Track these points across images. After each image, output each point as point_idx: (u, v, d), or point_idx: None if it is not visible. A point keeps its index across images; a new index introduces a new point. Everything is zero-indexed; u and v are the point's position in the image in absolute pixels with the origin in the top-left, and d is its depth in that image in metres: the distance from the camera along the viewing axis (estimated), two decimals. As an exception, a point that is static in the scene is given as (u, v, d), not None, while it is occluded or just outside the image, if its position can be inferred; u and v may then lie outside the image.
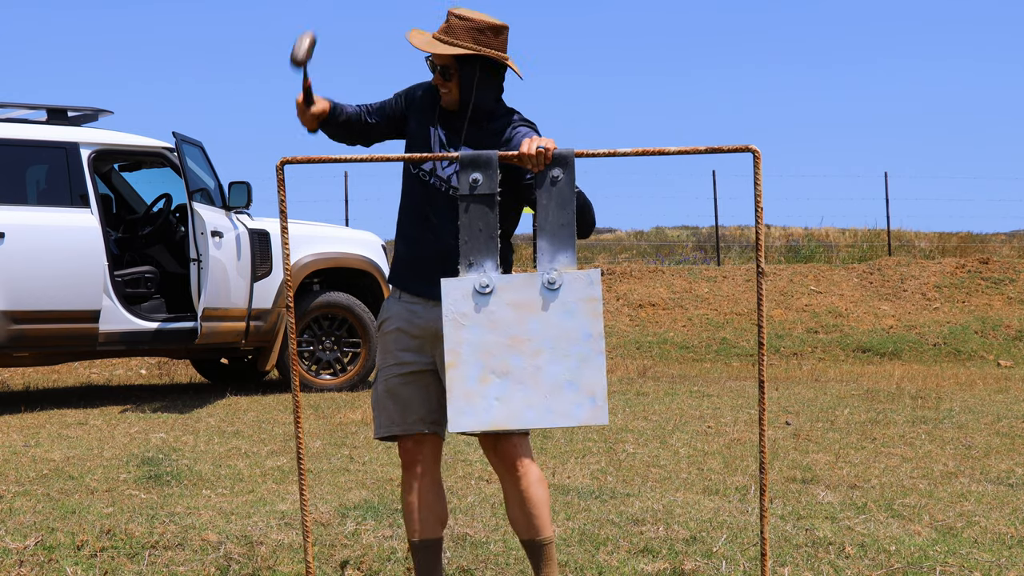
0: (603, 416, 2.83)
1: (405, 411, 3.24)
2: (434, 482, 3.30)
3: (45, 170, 8.33)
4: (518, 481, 3.20)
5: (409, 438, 3.26)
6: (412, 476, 3.28)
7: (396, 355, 3.25)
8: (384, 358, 3.28)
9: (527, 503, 3.20)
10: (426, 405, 3.25)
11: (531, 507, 3.20)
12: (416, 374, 3.24)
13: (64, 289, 8.03)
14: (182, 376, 11.17)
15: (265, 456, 6.16)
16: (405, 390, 3.24)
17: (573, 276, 2.85)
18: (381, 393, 3.27)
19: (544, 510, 3.22)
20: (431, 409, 3.25)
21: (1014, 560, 4.02)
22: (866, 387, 9.67)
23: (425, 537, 3.29)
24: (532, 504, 3.20)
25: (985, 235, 22.99)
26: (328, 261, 9.29)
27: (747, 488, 5.29)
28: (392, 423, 3.25)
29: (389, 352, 3.26)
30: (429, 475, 3.29)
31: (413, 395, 3.23)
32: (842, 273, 16.73)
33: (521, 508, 3.22)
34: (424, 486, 3.27)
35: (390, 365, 3.25)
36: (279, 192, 2.87)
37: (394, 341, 3.25)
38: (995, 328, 14.71)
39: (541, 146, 2.91)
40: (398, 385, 3.24)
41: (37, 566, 3.92)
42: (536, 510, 3.21)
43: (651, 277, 16.39)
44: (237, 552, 4.08)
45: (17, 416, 7.77)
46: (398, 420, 3.24)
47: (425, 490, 3.28)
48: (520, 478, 3.20)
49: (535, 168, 2.93)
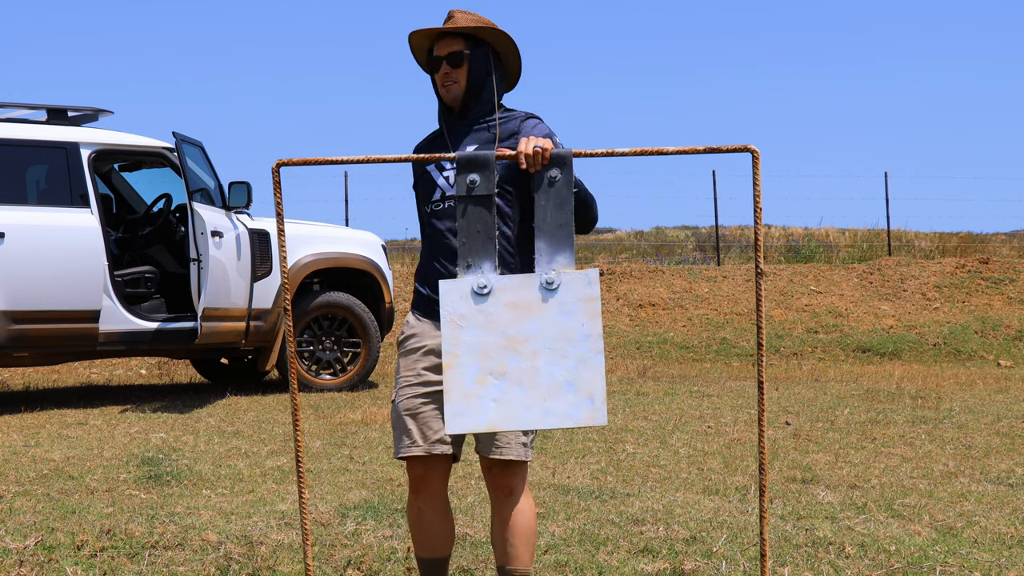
0: (602, 417, 2.82)
1: (425, 430, 3.14)
2: (442, 503, 3.22)
3: (45, 170, 8.34)
4: (505, 508, 3.14)
5: (421, 460, 3.16)
6: (421, 499, 3.19)
7: (420, 374, 3.16)
8: (406, 376, 3.17)
9: (509, 531, 3.13)
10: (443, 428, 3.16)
11: (512, 536, 3.13)
12: (437, 393, 3.14)
13: (64, 289, 8.03)
14: (182, 376, 11.18)
15: (265, 456, 6.16)
16: (428, 410, 3.15)
17: (571, 276, 2.85)
18: (402, 412, 3.17)
19: (523, 542, 3.13)
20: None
21: (1014, 560, 4.02)
22: (866, 387, 9.67)
23: (432, 556, 3.24)
24: (514, 533, 3.13)
25: (985, 235, 22.99)
26: (328, 261, 9.29)
27: (747, 488, 5.29)
28: (413, 443, 3.14)
29: (412, 370, 3.17)
30: (438, 497, 3.20)
31: (435, 416, 3.15)
32: (842, 273, 16.72)
33: (502, 534, 3.15)
34: (434, 508, 3.19)
35: (413, 384, 3.16)
36: (275, 194, 2.87)
37: (417, 358, 3.17)
38: (995, 328, 14.71)
39: (538, 145, 2.89)
40: (421, 405, 3.15)
41: (37, 566, 3.92)
42: (516, 539, 3.13)
43: (651, 277, 16.39)
44: (237, 552, 4.08)
45: (17, 416, 7.77)
46: (419, 440, 3.14)
47: (435, 512, 3.20)
48: (509, 505, 3.14)
49: (532, 168, 2.90)
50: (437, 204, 3.18)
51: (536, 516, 3.20)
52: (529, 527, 3.15)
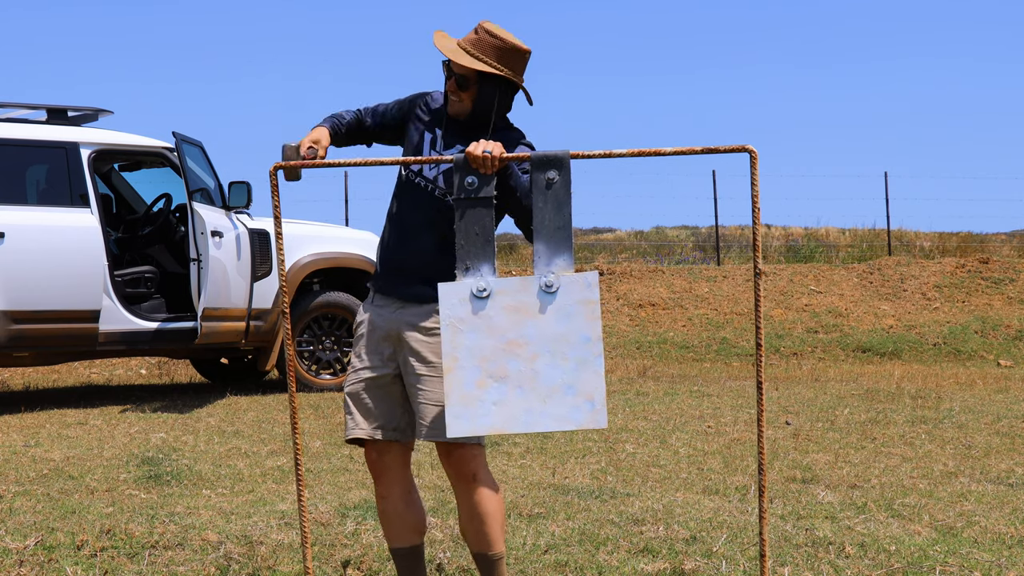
0: (602, 419, 2.82)
1: (368, 417, 3.23)
2: (404, 491, 3.28)
3: (45, 170, 8.34)
4: (470, 492, 3.17)
5: (372, 446, 3.25)
6: (381, 485, 3.28)
7: (364, 359, 3.24)
8: (353, 361, 3.27)
9: (477, 516, 3.17)
10: (388, 413, 3.23)
11: (480, 520, 3.17)
12: (379, 380, 3.22)
13: (64, 289, 8.03)
14: (182, 376, 11.18)
15: (265, 456, 6.16)
16: (368, 396, 3.22)
17: (570, 279, 2.84)
18: (347, 396, 3.27)
19: (494, 524, 3.18)
20: (393, 416, 3.23)
21: (1014, 560, 4.03)
22: (866, 387, 9.67)
23: (400, 545, 3.30)
24: (482, 517, 3.17)
25: (985, 235, 22.98)
26: (328, 261, 9.29)
27: (747, 488, 5.29)
28: (356, 426, 3.23)
29: (358, 356, 3.26)
30: (399, 484, 3.27)
31: (377, 402, 3.22)
32: (842, 273, 16.72)
33: (471, 520, 3.19)
34: (394, 495, 3.26)
35: (357, 369, 3.25)
36: (273, 197, 2.87)
37: (363, 344, 3.25)
38: (995, 328, 14.70)
39: (487, 150, 2.92)
40: (362, 390, 3.23)
41: (37, 566, 3.93)
42: (486, 522, 3.17)
43: (651, 277, 16.39)
44: (237, 552, 4.09)
45: (17, 416, 7.78)
46: (362, 423, 3.23)
47: (396, 499, 3.26)
48: (472, 489, 3.17)
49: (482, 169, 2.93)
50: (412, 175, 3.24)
51: (501, 494, 3.25)
52: (498, 508, 3.19)
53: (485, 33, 3.19)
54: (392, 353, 3.21)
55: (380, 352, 3.22)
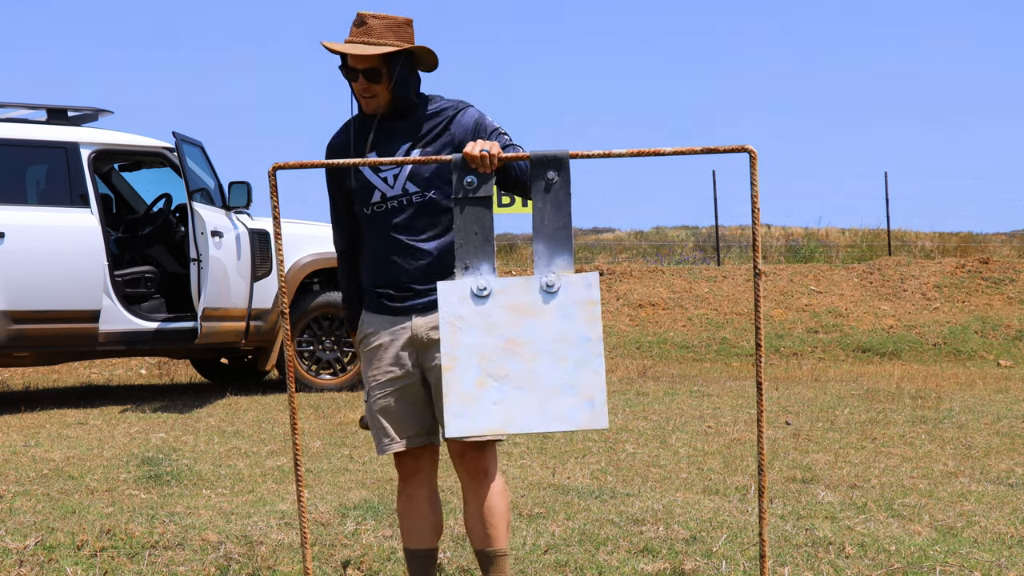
0: (602, 420, 2.81)
1: (401, 428, 3.22)
2: (431, 492, 3.30)
3: (45, 170, 8.34)
4: (481, 491, 3.19)
5: (409, 453, 3.26)
6: (410, 486, 3.28)
7: (387, 371, 3.22)
8: (374, 375, 3.24)
9: (486, 513, 3.19)
10: (419, 419, 3.24)
11: (489, 517, 3.19)
12: (407, 389, 3.21)
13: (64, 289, 8.04)
14: (182, 376, 11.18)
15: (265, 456, 6.16)
16: (398, 407, 3.22)
17: (571, 279, 2.84)
18: (377, 413, 3.24)
19: (501, 522, 3.20)
20: (424, 421, 3.24)
21: (1014, 560, 4.02)
22: (866, 387, 9.67)
23: (420, 546, 3.30)
24: (491, 514, 3.19)
25: (985, 235, 22.99)
26: (328, 261, 9.29)
27: (747, 488, 5.29)
28: (392, 440, 3.22)
29: (378, 368, 3.23)
30: (427, 486, 3.29)
31: (408, 410, 3.22)
32: (842, 273, 16.72)
33: (479, 517, 3.20)
34: (421, 496, 3.28)
35: (381, 383, 3.23)
36: (272, 198, 2.87)
37: (382, 358, 3.22)
38: (995, 328, 14.70)
39: (485, 149, 2.90)
40: (392, 403, 3.22)
41: (37, 566, 3.93)
42: (494, 520, 3.19)
43: (651, 277, 16.39)
44: (237, 552, 4.09)
45: (17, 416, 7.78)
46: (397, 436, 3.22)
47: (422, 500, 3.28)
48: (483, 488, 3.19)
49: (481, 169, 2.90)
50: (379, 206, 3.20)
51: (508, 495, 3.29)
52: (506, 506, 3.23)
53: (372, 19, 3.15)
54: (416, 359, 3.20)
55: (402, 362, 3.20)
